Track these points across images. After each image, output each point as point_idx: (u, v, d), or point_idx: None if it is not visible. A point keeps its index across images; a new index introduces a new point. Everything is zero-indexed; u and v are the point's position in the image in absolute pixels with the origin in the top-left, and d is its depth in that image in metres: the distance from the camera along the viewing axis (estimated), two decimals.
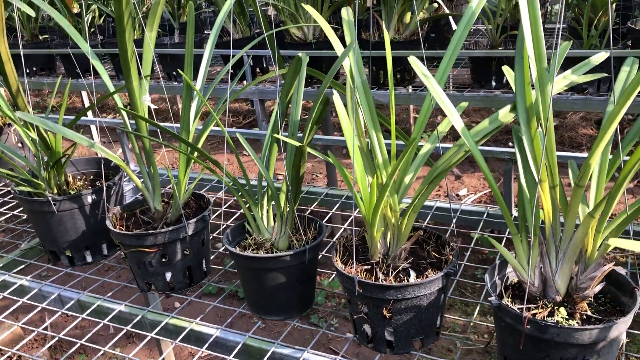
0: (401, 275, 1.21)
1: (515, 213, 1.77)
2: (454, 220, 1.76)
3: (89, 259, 1.71)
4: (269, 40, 1.36)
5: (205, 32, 4.09)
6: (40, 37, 4.02)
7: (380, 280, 1.18)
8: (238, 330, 1.37)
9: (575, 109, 2.45)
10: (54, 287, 1.62)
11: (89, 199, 1.63)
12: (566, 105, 2.39)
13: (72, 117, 1.70)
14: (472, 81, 2.82)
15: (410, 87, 2.77)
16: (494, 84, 2.70)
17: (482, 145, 1.28)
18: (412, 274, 1.21)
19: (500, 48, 2.73)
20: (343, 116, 1.16)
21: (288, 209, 1.38)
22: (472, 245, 1.62)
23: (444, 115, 1.17)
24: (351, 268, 1.23)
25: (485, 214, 1.77)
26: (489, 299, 1.09)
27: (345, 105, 1.24)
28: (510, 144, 4.32)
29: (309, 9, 1.39)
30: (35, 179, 1.65)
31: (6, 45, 1.45)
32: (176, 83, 3.36)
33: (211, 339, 1.37)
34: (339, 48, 1.32)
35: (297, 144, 1.16)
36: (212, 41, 1.62)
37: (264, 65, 3.37)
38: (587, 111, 4.17)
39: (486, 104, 2.65)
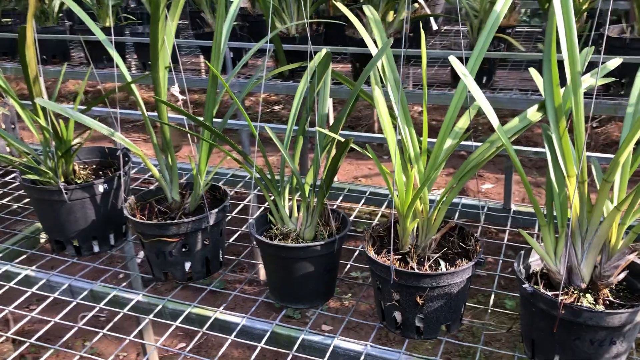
0: (432, 265, 1.27)
1: (513, 207, 1.86)
2: (482, 217, 1.84)
3: (96, 249, 1.69)
4: (276, 43, 1.39)
5: (180, 22, 4.02)
6: (2, 21, 3.86)
7: (415, 269, 1.24)
8: (261, 319, 1.40)
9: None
10: (63, 277, 1.59)
11: (101, 188, 1.61)
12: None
13: (83, 107, 1.67)
14: (452, 80, 2.91)
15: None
16: None
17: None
18: (442, 263, 1.27)
19: None
20: (384, 113, 1.21)
21: (316, 201, 1.41)
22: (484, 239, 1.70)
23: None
24: (384, 257, 1.28)
25: (485, 208, 1.86)
26: (523, 286, 1.16)
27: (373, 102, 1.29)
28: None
29: (338, 4, 1.42)
30: (39, 166, 1.61)
31: (32, 30, 1.41)
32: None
33: (238, 328, 1.38)
34: (369, 43, 1.36)
35: (342, 139, 1.20)
36: (226, 33, 1.62)
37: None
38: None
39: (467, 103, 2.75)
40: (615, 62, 1.34)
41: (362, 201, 1.97)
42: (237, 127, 2.43)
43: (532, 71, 1.34)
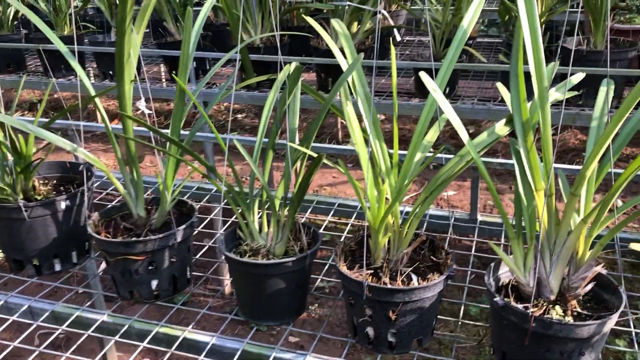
0: (404, 279, 1.27)
1: (479, 217, 1.89)
2: (450, 229, 1.85)
3: (58, 267, 1.63)
4: (243, 56, 1.37)
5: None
6: None
7: (387, 284, 1.23)
8: (231, 337, 1.37)
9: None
10: (22, 297, 1.53)
11: (63, 205, 1.56)
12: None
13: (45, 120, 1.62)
14: (415, 90, 2.94)
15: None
16: None
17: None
18: (414, 277, 1.27)
19: (442, 60, 2.87)
20: (356, 129, 1.21)
21: (286, 215, 1.39)
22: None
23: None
24: (357, 273, 1.27)
25: (453, 219, 1.87)
26: (494, 299, 1.17)
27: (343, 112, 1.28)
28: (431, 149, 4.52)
29: (308, 19, 1.42)
30: None
31: None
32: (110, 82, 3.24)
33: (208, 347, 1.35)
34: (339, 57, 1.36)
35: (315, 154, 1.19)
36: (195, 39, 1.60)
37: (207, 67, 3.33)
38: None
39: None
40: (578, 76, 1.37)
41: (332, 213, 1.97)
42: (202, 138, 2.40)
43: (500, 86, 1.36)
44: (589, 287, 1.20)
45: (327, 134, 4.66)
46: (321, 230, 1.78)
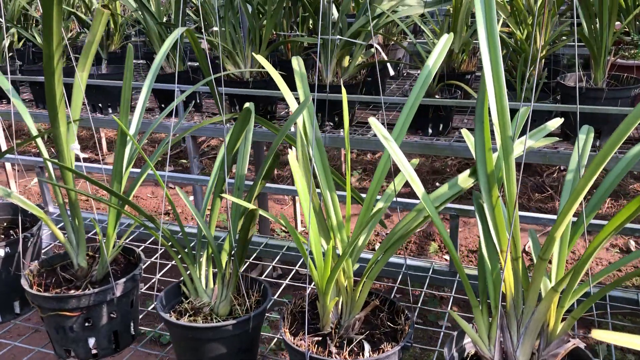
0: (355, 349, 1.12)
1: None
2: (400, 276, 1.70)
3: None
4: (211, 87, 1.27)
5: (134, 61, 3.91)
6: None
7: (333, 355, 1.09)
8: None
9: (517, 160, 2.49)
10: None
11: (1, 252, 1.45)
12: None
13: None
14: (409, 127, 2.82)
15: (342, 130, 2.75)
16: (430, 130, 2.71)
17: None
18: (367, 347, 1.13)
19: (437, 96, 2.76)
20: (298, 176, 1.08)
21: (231, 271, 1.27)
22: (419, 305, 1.57)
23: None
24: (301, 340, 1.13)
25: (431, 270, 1.72)
26: None
27: (297, 160, 1.16)
28: (438, 183, 4.39)
29: (259, 58, 1.31)
30: None
31: None
32: (101, 115, 3.17)
33: None
34: (288, 96, 1.25)
35: (250, 206, 1.06)
36: (150, 81, 1.50)
37: (197, 101, 3.25)
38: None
39: (424, 151, 2.65)
40: (555, 122, 1.24)
41: (278, 257, 1.83)
42: (170, 179, 2.28)
43: (465, 132, 1.23)
44: None
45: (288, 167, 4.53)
46: (287, 281, 1.64)
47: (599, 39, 2.31)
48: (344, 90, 1.20)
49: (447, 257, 3.38)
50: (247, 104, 1.31)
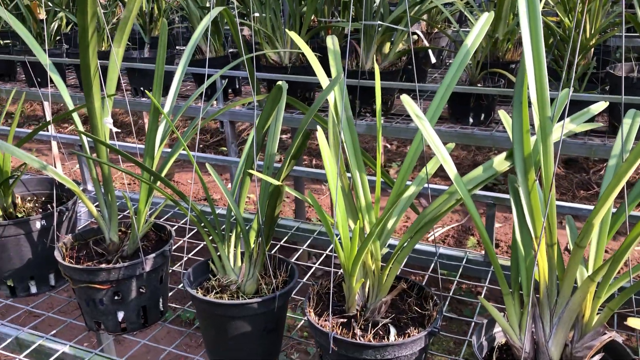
0: (380, 332, 1.10)
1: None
2: (433, 265, 1.66)
3: (34, 289, 1.55)
4: (248, 66, 1.26)
5: (177, 47, 3.95)
6: (2, 42, 3.84)
7: (357, 338, 1.07)
8: None
9: (562, 152, 2.40)
10: None
11: (38, 224, 1.48)
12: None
13: (27, 131, 1.55)
14: (448, 115, 2.76)
15: (383, 118, 2.71)
16: (471, 120, 2.65)
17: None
18: (393, 330, 1.10)
19: (479, 84, 2.69)
20: (326, 155, 1.06)
21: (258, 249, 1.26)
22: (450, 294, 1.53)
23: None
24: (325, 321, 1.11)
25: (465, 260, 1.68)
26: None
27: (328, 141, 1.14)
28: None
29: (292, 35, 1.29)
30: None
31: None
32: (143, 99, 3.22)
33: None
34: (323, 78, 1.23)
35: (276, 182, 1.05)
36: (185, 61, 1.50)
37: (237, 86, 3.26)
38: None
39: (462, 141, 2.59)
40: (600, 105, 1.18)
41: (309, 241, 1.81)
42: (202, 159, 2.28)
43: (502, 113, 1.18)
44: (597, 358, 0.99)
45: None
46: (317, 265, 1.63)
47: None
48: (377, 67, 1.17)
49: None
50: (279, 82, 1.29)
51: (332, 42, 1.33)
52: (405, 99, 1.07)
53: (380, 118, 1.15)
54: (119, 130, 1.38)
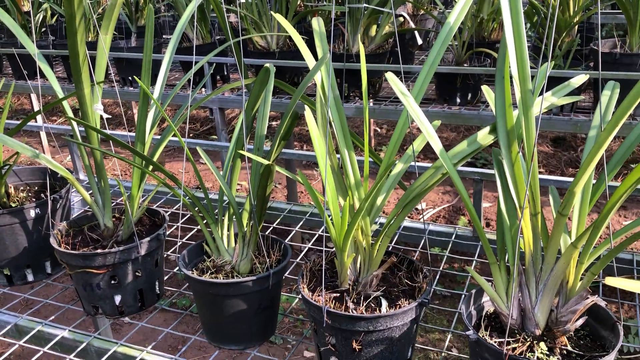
0: (372, 304, 1.13)
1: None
2: (423, 242, 1.70)
3: (30, 277, 1.57)
4: (235, 50, 1.27)
5: (164, 36, 3.94)
6: None
7: (350, 310, 1.10)
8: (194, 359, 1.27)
9: (548, 129, 2.44)
10: None
11: (32, 213, 1.50)
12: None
13: (17, 122, 1.56)
14: (436, 96, 2.78)
15: (372, 101, 2.73)
16: (458, 100, 2.67)
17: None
18: (384, 303, 1.13)
19: (465, 64, 2.71)
20: (315, 134, 1.08)
21: (251, 230, 1.28)
22: (440, 268, 1.57)
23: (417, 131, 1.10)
24: (319, 296, 1.14)
25: (454, 235, 1.71)
26: (467, 332, 1.02)
27: (316, 121, 1.16)
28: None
29: (278, 17, 1.31)
30: None
31: None
32: (131, 88, 3.22)
33: None
34: (310, 60, 1.25)
35: (266, 162, 1.07)
36: (173, 47, 1.52)
37: (225, 73, 3.27)
38: (551, 130, 4.21)
39: (450, 120, 2.62)
40: (580, 79, 1.20)
41: (301, 222, 1.84)
42: (193, 145, 2.29)
43: (485, 89, 1.21)
44: (580, 321, 1.03)
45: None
46: (310, 245, 1.66)
47: (635, 3, 2.23)
48: (362, 49, 1.19)
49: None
50: (266, 65, 1.31)
51: (317, 24, 1.34)
52: (391, 76, 1.10)
53: (367, 97, 1.18)
54: (110, 116, 1.39)
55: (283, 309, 1.71)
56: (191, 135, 4.91)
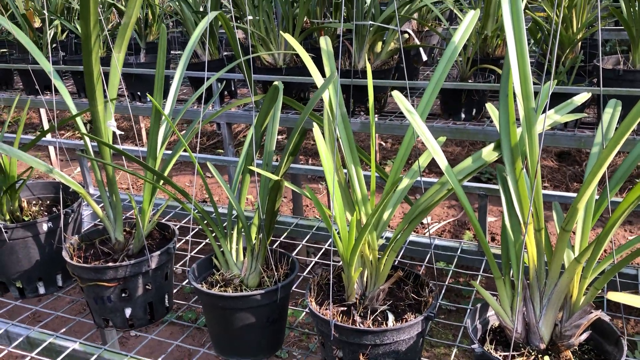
0: (379, 318, 1.15)
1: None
2: (429, 256, 1.72)
3: (42, 290, 1.60)
4: (245, 68, 1.30)
5: (172, 52, 4.00)
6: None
7: (357, 324, 1.12)
8: None
9: (552, 144, 2.46)
10: (1, 321, 1.49)
11: (45, 226, 1.53)
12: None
13: (30, 138, 1.60)
14: (441, 111, 2.81)
15: (377, 116, 2.76)
16: (463, 115, 2.70)
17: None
18: (391, 317, 1.15)
19: (470, 80, 2.74)
20: (323, 150, 1.11)
21: (260, 244, 1.31)
22: (446, 283, 1.58)
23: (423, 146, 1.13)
24: (326, 310, 1.16)
25: (459, 250, 1.73)
26: (472, 346, 1.04)
27: (324, 137, 1.19)
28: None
29: (287, 36, 1.34)
30: None
31: None
32: (140, 103, 3.26)
33: None
34: (317, 78, 1.28)
35: (275, 177, 1.10)
36: (183, 65, 1.55)
37: (232, 89, 3.31)
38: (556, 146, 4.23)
39: (455, 136, 2.64)
40: (582, 97, 1.23)
41: (308, 236, 1.86)
42: (202, 160, 2.34)
43: (489, 106, 1.24)
44: (584, 336, 1.04)
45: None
46: (316, 259, 1.68)
47: (638, 20, 2.26)
48: (368, 65, 1.22)
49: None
50: (275, 82, 1.34)
51: (325, 43, 1.38)
52: (397, 94, 1.12)
53: (373, 112, 1.20)
54: (122, 132, 1.43)
55: (289, 323, 1.73)
56: (197, 148, 4.95)
